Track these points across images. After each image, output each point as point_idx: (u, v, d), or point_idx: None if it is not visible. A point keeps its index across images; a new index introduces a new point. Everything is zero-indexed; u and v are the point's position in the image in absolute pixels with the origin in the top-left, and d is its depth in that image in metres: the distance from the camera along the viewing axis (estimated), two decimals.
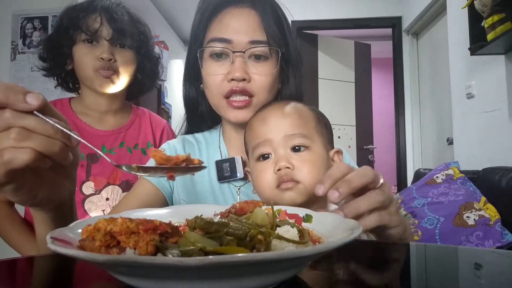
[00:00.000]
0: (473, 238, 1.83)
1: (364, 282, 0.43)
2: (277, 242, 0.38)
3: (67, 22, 1.12)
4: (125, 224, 0.35)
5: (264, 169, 0.71)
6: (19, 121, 0.41)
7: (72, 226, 0.43)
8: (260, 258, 0.29)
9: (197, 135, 0.93)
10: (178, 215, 0.55)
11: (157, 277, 0.32)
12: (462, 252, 0.62)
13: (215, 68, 0.80)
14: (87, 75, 1.11)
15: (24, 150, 0.41)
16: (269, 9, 0.83)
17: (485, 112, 2.45)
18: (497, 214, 1.87)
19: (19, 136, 0.41)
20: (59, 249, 0.32)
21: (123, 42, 1.14)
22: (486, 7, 2.04)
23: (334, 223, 0.47)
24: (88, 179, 1.11)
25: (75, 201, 1.05)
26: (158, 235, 0.35)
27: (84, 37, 1.10)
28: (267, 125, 0.72)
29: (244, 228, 0.37)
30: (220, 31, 0.80)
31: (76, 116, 1.17)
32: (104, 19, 1.10)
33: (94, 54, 1.10)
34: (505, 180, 1.89)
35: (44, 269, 0.52)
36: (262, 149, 0.71)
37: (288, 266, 0.34)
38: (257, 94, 0.79)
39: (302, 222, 0.50)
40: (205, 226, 0.37)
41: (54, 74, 1.20)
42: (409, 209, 2.14)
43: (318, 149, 0.71)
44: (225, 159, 0.85)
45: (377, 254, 0.56)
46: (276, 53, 0.81)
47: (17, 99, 0.41)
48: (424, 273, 0.46)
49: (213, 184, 0.85)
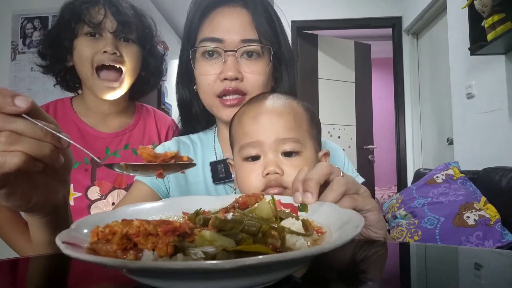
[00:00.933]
0: (473, 238, 1.83)
1: (364, 281, 0.43)
2: (288, 236, 0.39)
3: (68, 14, 1.07)
4: (142, 226, 0.35)
5: (251, 171, 0.68)
6: (8, 125, 0.40)
7: (76, 227, 0.43)
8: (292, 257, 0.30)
9: (192, 136, 0.93)
10: (174, 208, 0.55)
11: (177, 278, 0.33)
12: (462, 252, 0.62)
13: (208, 67, 0.80)
14: (87, 74, 1.05)
15: (15, 153, 0.40)
16: (261, 8, 0.83)
17: (485, 112, 2.45)
18: (497, 214, 1.87)
19: (8, 140, 0.40)
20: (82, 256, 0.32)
21: (127, 36, 1.08)
22: (486, 7, 2.04)
23: (329, 212, 0.48)
24: (93, 184, 1.07)
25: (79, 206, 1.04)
26: (176, 236, 0.35)
27: (87, 29, 1.05)
28: (259, 124, 0.68)
29: (257, 224, 0.38)
30: (212, 30, 0.80)
31: (78, 117, 1.13)
32: (108, 11, 1.05)
33: (97, 47, 1.04)
34: (505, 180, 1.88)
35: (44, 269, 0.52)
36: (251, 150, 0.68)
37: (305, 260, 0.36)
38: (250, 93, 0.79)
39: (298, 212, 0.51)
40: (221, 224, 0.38)
41: (53, 71, 1.14)
42: (409, 209, 2.14)
43: (309, 154, 0.70)
44: (219, 160, 0.85)
45: (377, 253, 0.56)
46: (268, 52, 0.81)
47: (6, 102, 0.40)
48: (424, 273, 0.46)
49: (208, 185, 0.85)
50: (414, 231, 1.97)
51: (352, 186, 0.54)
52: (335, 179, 0.54)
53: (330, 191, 0.52)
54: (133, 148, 1.15)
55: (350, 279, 0.44)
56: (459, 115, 2.81)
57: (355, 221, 0.41)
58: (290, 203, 0.53)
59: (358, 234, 0.37)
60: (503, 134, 2.27)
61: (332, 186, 0.53)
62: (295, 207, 0.52)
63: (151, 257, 0.34)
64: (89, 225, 0.42)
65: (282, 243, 0.37)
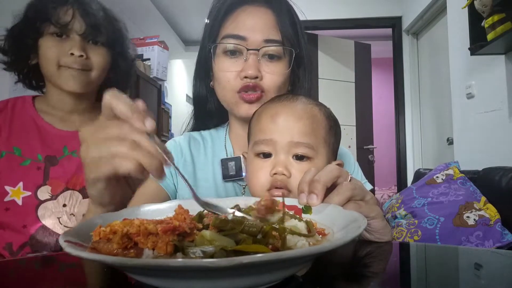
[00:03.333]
0: (473, 238, 1.83)
1: (364, 281, 0.43)
2: (290, 237, 0.39)
3: (33, 12, 1.03)
4: (143, 225, 0.35)
5: (261, 168, 0.69)
6: (133, 136, 0.46)
7: (78, 227, 0.43)
8: (289, 256, 0.30)
9: (203, 133, 0.93)
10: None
11: (177, 277, 0.33)
12: (462, 252, 0.62)
13: (228, 64, 0.80)
14: (52, 72, 1.02)
15: (131, 160, 0.45)
16: (285, 9, 0.83)
17: (485, 112, 2.45)
18: (497, 214, 1.87)
19: (131, 147, 0.46)
20: (82, 254, 0.33)
21: (96, 39, 1.05)
22: (486, 7, 2.04)
23: (333, 214, 0.48)
24: (45, 183, 1.02)
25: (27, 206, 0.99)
26: (176, 235, 0.35)
27: (53, 29, 1.01)
28: (275, 124, 0.69)
29: (258, 224, 0.38)
30: (235, 28, 0.80)
31: (37, 113, 1.08)
32: (76, 12, 1.01)
33: (63, 49, 1.01)
34: (505, 180, 1.88)
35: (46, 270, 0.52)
36: (264, 147, 0.69)
37: (305, 260, 0.36)
38: (268, 92, 0.80)
39: (302, 214, 0.51)
40: (220, 225, 0.38)
41: (15, 68, 1.10)
42: (409, 209, 2.14)
43: (320, 161, 0.69)
44: (230, 158, 0.84)
45: (377, 253, 0.56)
46: (290, 54, 0.81)
47: (138, 119, 0.47)
48: (424, 273, 0.46)
49: (218, 182, 0.85)
50: (414, 231, 1.97)
51: (358, 192, 0.54)
52: (342, 183, 0.54)
53: (336, 194, 0.53)
54: None
55: (350, 279, 0.44)
56: (459, 115, 2.81)
57: (358, 222, 0.41)
58: (294, 205, 0.53)
59: (360, 235, 0.37)
60: (503, 134, 2.27)
61: (338, 190, 0.53)
62: (299, 209, 0.52)
63: (151, 256, 0.34)
64: (94, 225, 0.43)
65: (282, 244, 0.37)
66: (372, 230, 0.57)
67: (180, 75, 6.33)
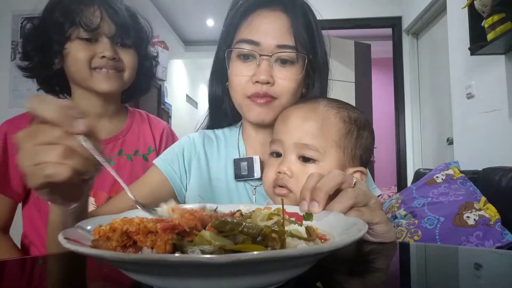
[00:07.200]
0: (473, 238, 1.83)
1: (364, 281, 0.43)
2: (289, 240, 0.39)
3: (61, 15, 0.98)
4: (142, 224, 0.35)
5: (271, 166, 0.72)
6: (66, 141, 0.45)
7: (80, 226, 0.44)
8: (286, 254, 0.30)
9: (217, 132, 0.94)
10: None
11: (175, 276, 0.33)
12: (462, 252, 0.62)
13: (241, 69, 0.80)
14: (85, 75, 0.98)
15: (65, 167, 0.44)
16: (300, 13, 0.82)
17: (485, 112, 2.45)
18: (497, 214, 1.87)
19: (64, 154, 0.44)
20: (80, 249, 0.33)
21: (125, 41, 1.01)
22: (486, 7, 2.04)
23: (335, 221, 0.48)
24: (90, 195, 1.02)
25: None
26: (175, 234, 0.35)
27: (82, 34, 0.97)
28: (285, 125, 0.72)
29: (258, 227, 0.38)
30: (249, 32, 0.80)
31: None
32: (104, 13, 0.98)
33: (94, 52, 0.97)
34: (505, 180, 1.88)
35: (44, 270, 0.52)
36: (275, 147, 0.73)
37: (304, 262, 0.35)
38: (280, 97, 0.79)
39: (303, 221, 0.51)
40: (220, 225, 0.38)
41: (38, 74, 1.06)
42: (409, 209, 2.14)
43: (327, 165, 0.68)
44: (243, 158, 0.85)
45: (377, 254, 0.56)
46: (303, 59, 0.81)
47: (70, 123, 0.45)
48: (424, 273, 0.46)
49: (229, 182, 0.85)
50: (414, 231, 1.97)
51: (361, 199, 0.54)
52: (344, 190, 0.54)
53: (338, 202, 0.52)
54: (127, 154, 1.08)
55: (350, 279, 0.44)
56: (459, 115, 2.81)
57: (358, 226, 0.41)
58: (295, 212, 0.53)
59: (360, 238, 0.37)
60: (503, 134, 2.27)
61: (340, 198, 0.53)
62: (300, 216, 0.52)
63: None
64: (93, 224, 0.43)
65: (282, 246, 0.37)
66: (376, 234, 0.57)
67: (180, 75, 6.33)
